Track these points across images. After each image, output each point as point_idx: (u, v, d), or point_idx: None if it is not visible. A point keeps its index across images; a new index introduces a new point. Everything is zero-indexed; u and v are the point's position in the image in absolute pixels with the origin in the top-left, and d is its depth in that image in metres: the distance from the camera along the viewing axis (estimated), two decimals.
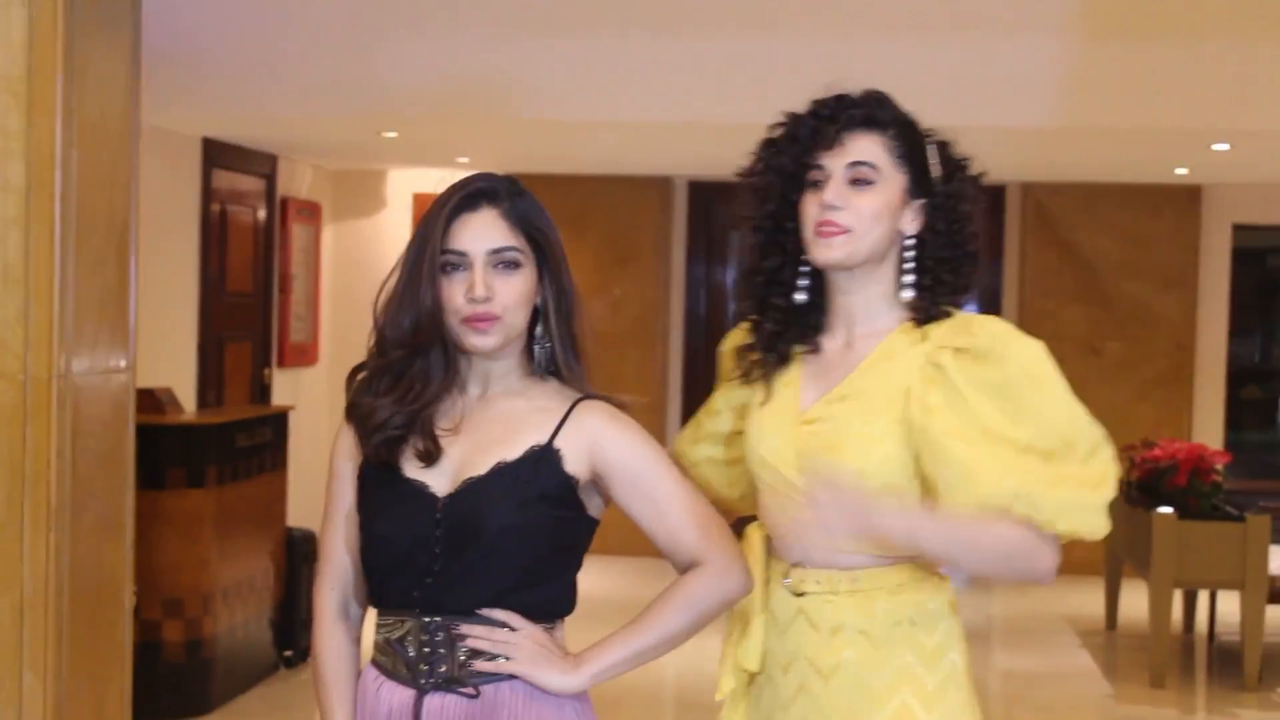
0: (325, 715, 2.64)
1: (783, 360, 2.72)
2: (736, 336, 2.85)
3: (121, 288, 3.27)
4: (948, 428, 2.56)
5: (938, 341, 2.62)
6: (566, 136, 8.86)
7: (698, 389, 2.74)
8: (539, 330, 2.65)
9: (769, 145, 2.72)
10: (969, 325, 2.64)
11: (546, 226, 2.67)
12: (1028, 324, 11.42)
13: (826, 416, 2.64)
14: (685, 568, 2.61)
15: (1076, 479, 2.54)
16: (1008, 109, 7.56)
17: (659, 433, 11.18)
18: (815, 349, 2.72)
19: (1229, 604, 8.71)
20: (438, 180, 9.52)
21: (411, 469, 2.58)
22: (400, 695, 2.57)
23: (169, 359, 8.53)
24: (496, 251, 2.59)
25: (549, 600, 2.60)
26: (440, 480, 2.57)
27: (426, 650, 2.56)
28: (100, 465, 3.19)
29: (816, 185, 2.65)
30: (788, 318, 2.72)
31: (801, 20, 7.10)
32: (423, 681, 2.56)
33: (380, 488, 2.60)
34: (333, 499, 2.70)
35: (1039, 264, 11.01)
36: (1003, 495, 2.52)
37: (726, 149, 2.90)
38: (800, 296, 2.70)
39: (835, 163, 2.63)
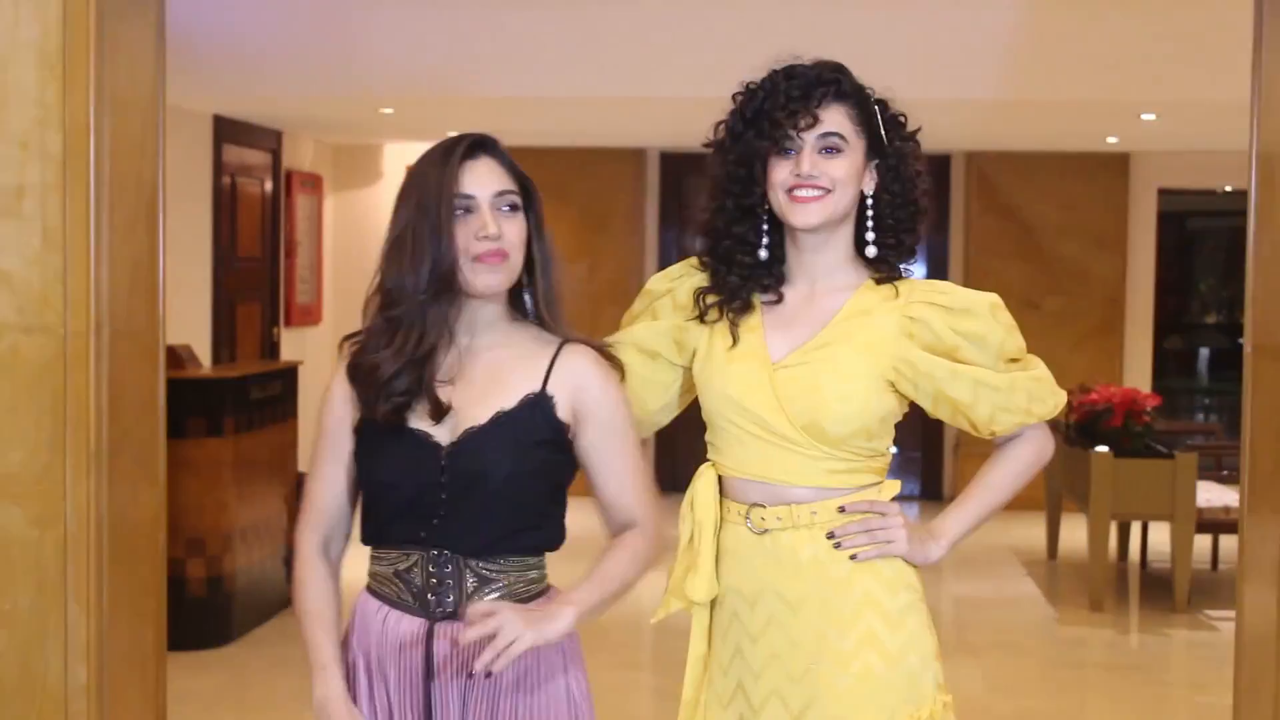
0: (313, 645, 2.57)
1: (746, 308, 2.70)
2: (690, 279, 2.79)
3: (151, 249, 3.23)
4: (949, 362, 2.61)
5: (910, 298, 2.64)
6: (547, 111, 8.81)
7: None
8: (525, 276, 2.62)
9: (738, 115, 2.69)
10: (935, 286, 2.68)
11: (529, 178, 2.66)
12: (972, 281, 11.47)
13: (805, 362, 2.62)
14: (619, 522, 2.63)
15: (1042, 370, 2.70)
16: (953, 82, 7.54)
17: None
18: (779, 299, 2.71)
19: (1160, 534, 8.77)
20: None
21: (415, 418, 2.55)
22: (411, 624, 2.55)
23: (186, 318, 8.49)
24: (501, 194, 2.58)
25: (544, 539, 2.61)
26: (441, 430, 2.54)
27: (434, 581, 2.54)
28: (134, 413, 3.15)
29: (786, 153, 2.63)
30: (751, 272, 2.70)
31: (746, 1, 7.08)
32: (434, 610, 2.54)
33: (384, 438, 2.56)
34: (323, 450, 2.66)
35: (982, 227, 11.02)
36: (1018, 408, 2.66)
37: (693, 122, 2.88)
38: (764, 254, 2.70)
39: (808, 133, 2.62)
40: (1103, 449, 7.80)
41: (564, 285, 2.67)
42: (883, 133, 2.67)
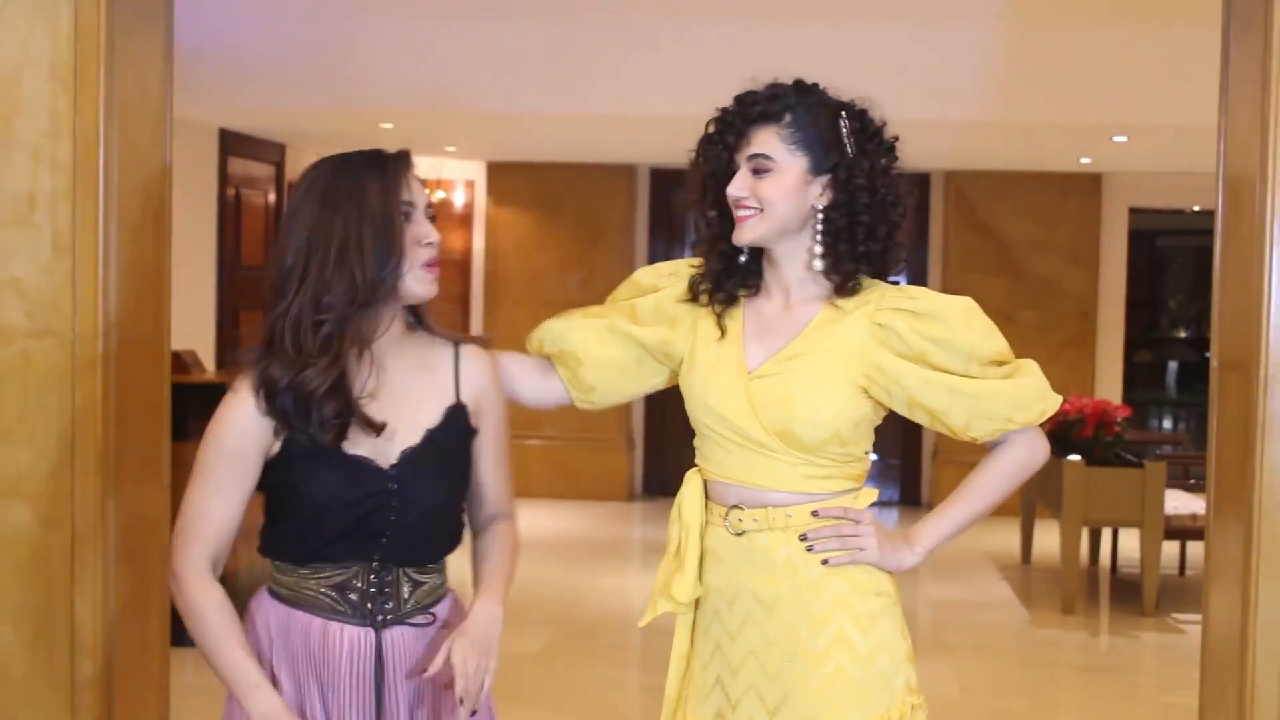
0: (237, 665, 2.47)
1: (730, 300, 2.72)
2: (679, 283, 2.80)
3: (159, 257, 3.22)
4: (921, 369, 2.59)
5: (880, 305, 2.63)
6: (543, 127, 8.82)
7: None
8: None
9: (703, 141, 2.72)
10: (904, 292, 2.65)
11: None
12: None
13: (778, 372, 2.62)
14: (490, 511, 2.66)
15: (1031, 378, 2.65)
16: (933, 104, 7.56)
17: None
18: (755, 292, 2.72)
19: (1129, 540, 8.77)
20: (429, 167, 9.48)
21: (351, 443, 2.48)
22: (352, 634, 2.52)
23: (191, 325, 8.47)
24: (430, 203, 2.59)
25: (459, 534, 2.64)
26: (377, 450, 2.50)
27: (373, 590, 2.52)
28: (140, 417, 3.15)
29: (735, 172, 2.66)
30: (730, 264, 2.71)
31: (741, 15, 7.08)
32: (377, 619, 2.53)
33: (318, 461, 2.48)
34: (222, 472, 2.48)
35: (960, 243, 11.03)
36: (997, 414, 2.60)
37: (681, 139, 2.89)
38: (743, 258, 2.71)
39: (740, 156, 2.64)
40: (1075, 458, 7.80)
41: None
42: (847, 145, 2.64)
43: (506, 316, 11.15)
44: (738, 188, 2.62)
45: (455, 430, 2.56)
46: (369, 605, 2.52)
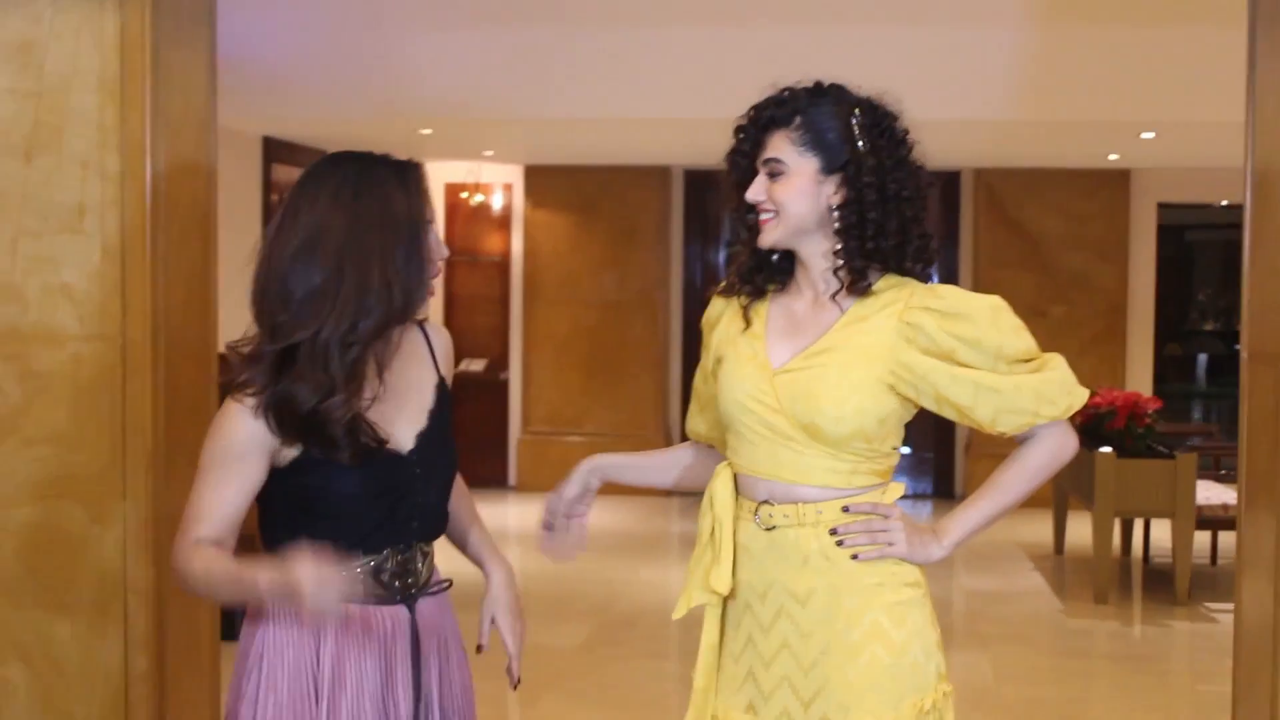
0: (248, 574, 2.34)
1: (757, 293, 2.72)
2: (715, 308, 2.83)
3: (205, 262, 3.25)
4: (948, 365, 2.57)
5: (909, 303, 2.61)
6: (578, 132, 8.83)
7: (694, 349, 2.75)
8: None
9: (729, 153, 2.74)
10: (933, 291, 2.63)
11: None
12: (981, 291, 11.46)
13: (805, 367, 2.61)
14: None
15: (1057, 372, 2.62)
16: (963, 103, 7.53)
17: (662, 385, 11.25)
18: (784, 289, 2.72)
19: (1161, 530, 8.72)
20: (466, 171, 9.49)
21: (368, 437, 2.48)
22: (392, 612, 2.55)
23: (239, 329, 8.50)
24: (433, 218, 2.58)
25: None
26: (396, 439, 2.51)
27: (401, 570, 2.57)
28: (189, 417, 3.17)
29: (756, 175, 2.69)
30: (761, 259, 2.72)
31: (774, 18, 7.07)
32: (411, 594, 2.58)
33: (342, 465, 2.45)
34: (228, 473, 2.43)
35: (990, 239, 10.99)
36: (1024, 409, 2.58)
37: (715, 142, 2.90)
38: (775, 256, 2.72)
39: (758, 162, 2.67)
40: (1106, 450, 7.76)
41: None
42: (859, 144, 2.63)
43: (544, 316, 11.16)
44: (754, 192, 2.65)
45: (444, 404, 2.63)
46: (398, 584, 2.56)
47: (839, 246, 2.62)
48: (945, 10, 7.18)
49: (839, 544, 2.60)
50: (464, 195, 11.22)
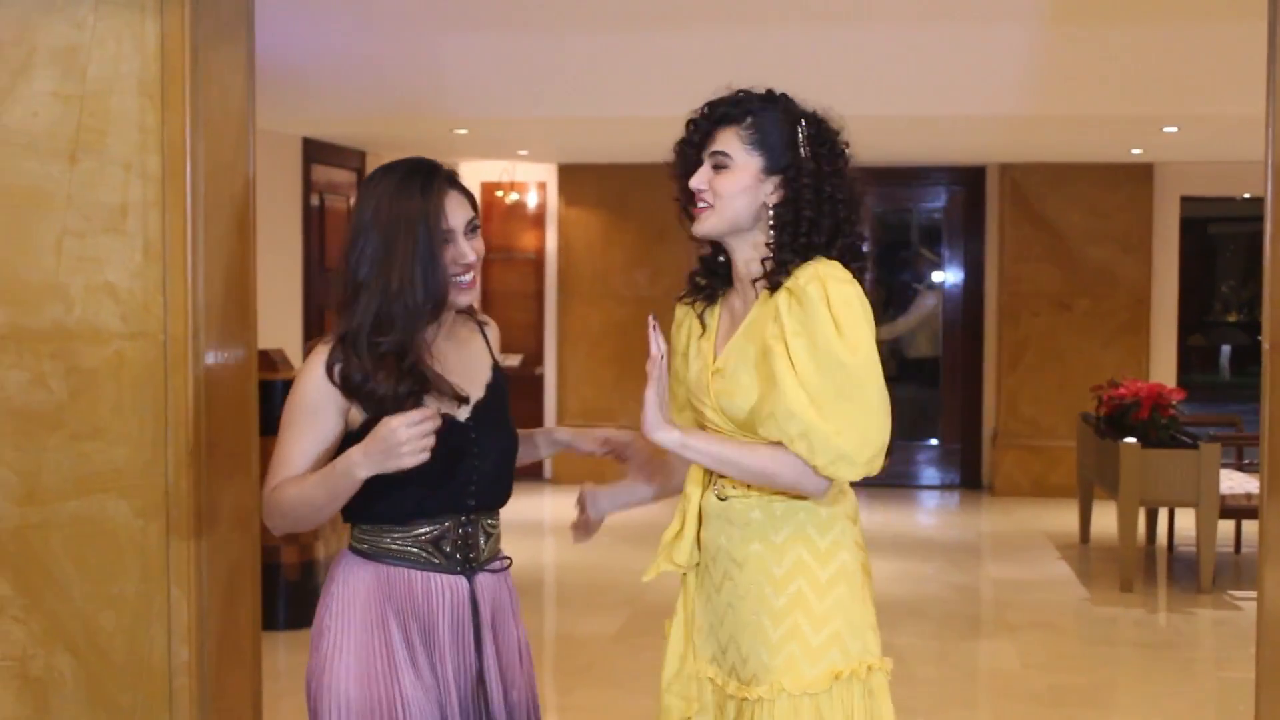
0: (321, 483, 2.57)
1: (710, 299, 2.86)
2: (679, 314, 2.95)
3: (244, 262, 3.25)
4: (773, 358, 2.64)
5: (791, 282, 2.67)
6: (610, 130, 8.82)
7: None
8: None
9: (678, 142, 2.84)
10: (808, 270, 2.64)
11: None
12: (1007, 285, 11.39)
13: (727, 367, 2.74)
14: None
15: (854, 428, 2.57)
16: (987, 99, 7.49)
17: None
18: (730, 291, 2.84)
19: (1185, 520, 8.67)
20: (501, 170, 9.51)
21: (432, 405, 2.63)
22: (452, 582, 2.68)
23: (279, 325, 8.54)
24: (470, 221, 2.71)
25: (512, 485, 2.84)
26: (454, 409, 2.68)
27: (462, 542, 2.69)
28: (229, 413, 3.17)
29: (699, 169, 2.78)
30: (710, 264, 2.85)
31: (801, 17, 7.03)
32: (471, 567, 2.70)
33: None
34: (307, 426, 2.66)
35: (1015, 234, 10.93)
36: (790, 430, 2.58)
37: None
38: (721, 258, 2.83)
39: (705, 153, 2.76)
40: (1131, 440, 7.72)
41: None
42: (802, 149, 2.72)
43: (578, 312, 11.16)
44: (698, 180, 2.75)
45: (500, 384, 2.79)
46: (459, 555, 2.68)
47: (770, 241, 2.71)
48: (969, 6, 7.13)
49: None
50: (499, 194, 11.23)
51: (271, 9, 3.83)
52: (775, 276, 2.68)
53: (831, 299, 2.59)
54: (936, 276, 11.63)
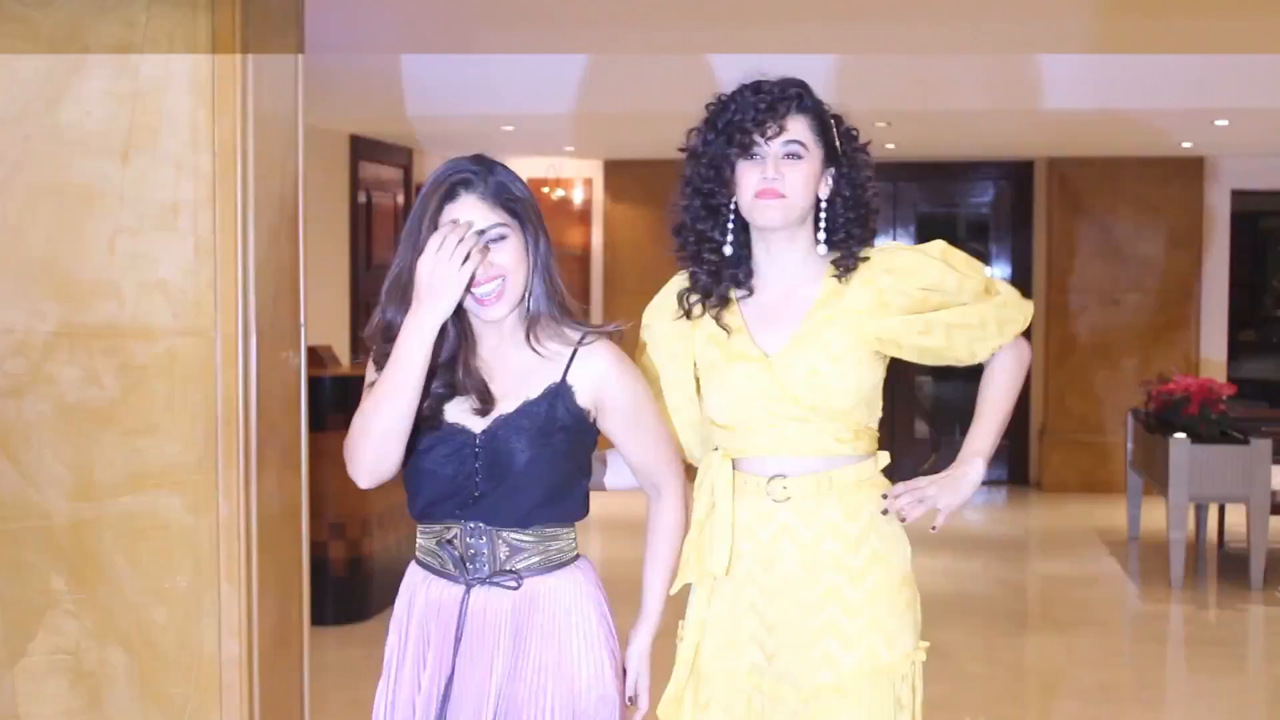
0: (392, 372, 2.51)
1: (723, 302, 2.78)
2: (671, 299, 2.87)
3: (293, 259, 3.27)
4: (922, 317, 2.72)
5: (872, 272, 2.74)
6: (654, 125, 8.80)
7: None
8: (534, 285, 2.63)
9: (710, 124, 2.76)
10: (886, 252, 2.78)
11: (523, 194, 2.62)
12: (1055, 280, 11.31)
13: (800, 349, 2.70)
14: (647, 480, 2.74)
15: (1006, 294, 2.81)
16: (1036, 93, 7.45)
17: None
18: (750, 292, 2.79)
19: (1236, 516, 8.60)
20: (548, 166, 9.50)
21: (451, 413, 2.59)
22: (449, 590, 2.61)
23: (327, 322, 8.59)
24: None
25: (568, 511, 2.65)
26: (474, 419, 2.58)
27: (471, 551, 2.60)
28: (279, 409, 3.20)
29: (753, 159, 2.70)
30: (719, 268, 2.77)
31: (846, 14, 7.01)
32: (471, 577, 2.60)
33: (424, 431, 2.58)
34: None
35: (1064, 228, 10.87)
36: (991, 335, 2.76)
37: None
38: (728, 250, 2.76)
39: (774, 141, 2.70)
40: (1180, 435, 7.67)
41: (562, 285, 2.69)
42: (838, 144, 2.75)
43: (625, 307, 11.14)
44: (774, 169, 2.68)
45: (554, 405, 2.58)
46: (466, 564, 2.60)
47: (825, 235, 2.74)
48: (1018, 3, 7.10)
49: (885, 513, 2.73)
50: (545, 190, 11.25)
51: (319, 6, 3.85)
52: (848, 263, 2.74)
53: (914, 249, 2.78)
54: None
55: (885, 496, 2.73)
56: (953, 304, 2.73)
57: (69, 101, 3.06)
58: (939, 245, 2.78)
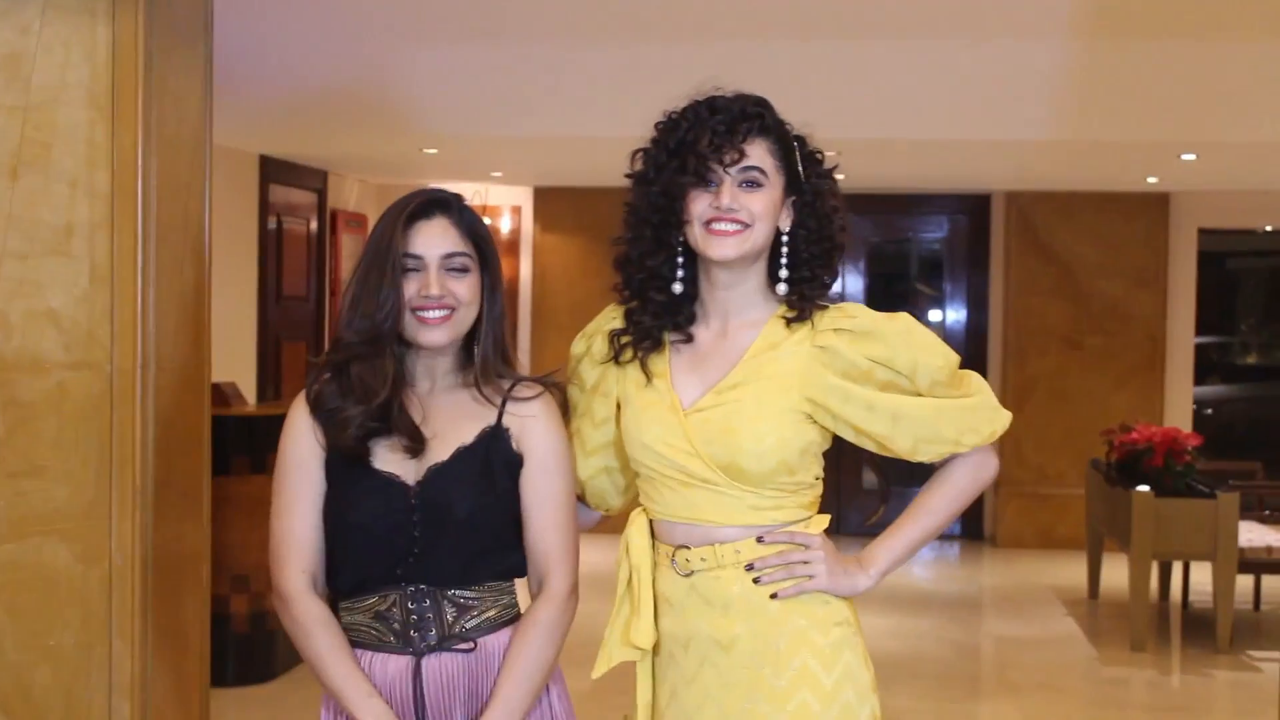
0: (349, 678, 2.54)
1: (656, 345, 2.67)
2: (603, 332, 2.77)
3: (198, 288, 3.24)
4: (866, 391, 2.57)
5: (819, 327, 2.60)
6: (589, 151, 8.83)
7: None
8: (480, 329, 2.68)
9: (661, 146, 2.64)
10: (843, 310, 2.63)
11: (489, 236, 2.70)
12: (1013, 321, 11.39)
13: (718, 404, 2.58)
14: (536, 567, 2.64)
15: (979, 396, 2.64)
16: (994, 123, 7.52)
17: None
18: (688, 339, 2.67)
19: (1202, 574, 8.68)
20: (474, 193, 9.49)
21: (380, 460, 2.58)
22: (396, 663, 2.58)
23: (232, 357, 8.51)
24: (449, 256, 2.63)
25: (513, 564, 2.64)
26: (407, 469, 2.58)
27: (414, 617, 2.57)
28: (179, 450, 3.16)
29: (707, 185, 2.58)
30: (664, 310, 2.66)
31: (791, 34, 7.06)
32: (419, 646, 2.57)
33: (351, 481, 2.58)
34: (295, 485, 2.61)
35: (1022, 266, 10.97)
36: (945, 438, 2.59)
37: None
38: (678, 288, 2.65)
39: (732, 167, 2.57)
40: (1144, 488, 7.73)
41: (507, 335, 2.74)
42: (800, 169, 2.63)
43: (553, 342, 11.16)
44: (730, 198, 2.56)
45: (490, 450, 2.60)
46: (411, 633, 2.57)
47: (787, 272, 2.62)
48: (977, 25, 7.17)
49: (755, 581, 2.57)
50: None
51: (228, 17, 3.83)
52: (804, 307, 2.61)
53: (874, 314, 2.62)
54: (935, 315, 11.58)
55: (750, 568, 2.58)
56: (904, 388, 2.58)
57: None
58: (903, 317, 2.62)
